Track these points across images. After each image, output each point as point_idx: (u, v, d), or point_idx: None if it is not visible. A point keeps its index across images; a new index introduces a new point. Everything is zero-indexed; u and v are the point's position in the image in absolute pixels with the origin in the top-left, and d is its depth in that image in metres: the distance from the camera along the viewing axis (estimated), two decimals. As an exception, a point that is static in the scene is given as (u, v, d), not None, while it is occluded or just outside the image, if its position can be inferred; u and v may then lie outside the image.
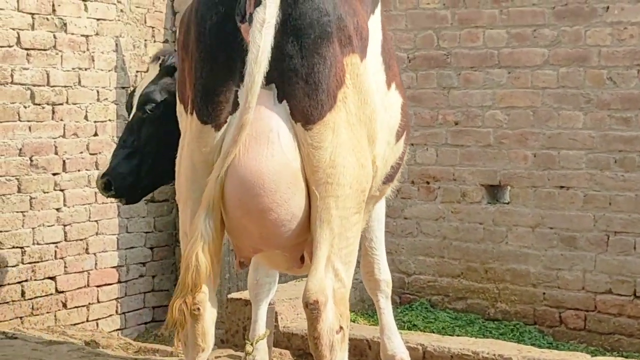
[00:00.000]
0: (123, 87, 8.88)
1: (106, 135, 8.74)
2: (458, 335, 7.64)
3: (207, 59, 4.23)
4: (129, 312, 9.13)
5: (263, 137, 4.16)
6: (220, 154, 4.22)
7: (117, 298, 8.98)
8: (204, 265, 4.12)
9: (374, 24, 4.68)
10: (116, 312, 8.97)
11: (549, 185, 8.06)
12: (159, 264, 9.50)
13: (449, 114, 8.49)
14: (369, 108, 4.39)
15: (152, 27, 9.37)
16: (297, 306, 7.43)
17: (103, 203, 8.70)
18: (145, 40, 9.25)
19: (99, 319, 8.78)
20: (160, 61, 6.55)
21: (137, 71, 9.06)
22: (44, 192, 8.20)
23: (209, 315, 4.38)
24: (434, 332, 7.69)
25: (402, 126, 5.12)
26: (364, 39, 4.42)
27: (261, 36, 4.05)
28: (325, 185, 4.22)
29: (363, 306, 8.32)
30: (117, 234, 8.97)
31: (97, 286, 8.76)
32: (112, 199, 7.48)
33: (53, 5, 8.23)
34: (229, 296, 7.58)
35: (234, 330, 7.41)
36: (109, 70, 8.78)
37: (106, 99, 8.72)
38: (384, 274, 6.05)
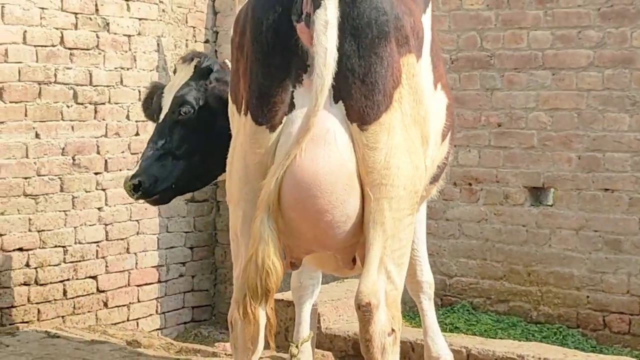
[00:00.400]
0: (164, 87, 8.88)
1: (147, 135, 8.68)
2: (501, 338, 7.59)
3: (263, 59, 4.22)
4: (168, 311, 9.13)
5: (320, 138, 4.14)
6: (274, 156, 4.21)
7: (157, 298, 8.99)
8: (279, 268, 4.11)
9: (425, 23, 4.65)
10: (156, 311, 8.98)
11: (593, 187, 7.99)
12: (199, 264, 9.51)
13: (492, 116, 8.44)
14: (423, 109, 4.37)
15: (194, 27, 9.38)
16: (339, 307, 7.41)
17: (144, 202, 8.69)
18: (187, 40, 9.26)
19: (139, 318, 8.79)
20: (194, 62, 6.51)
21: (179, 71, 9.06)
22: (86, 192, 8.22)
23: (261, 317, 4.38)
24: (476, 335, 7.64)
25: (447, 126, 5.11)
26: (419, 39, 4.39)
27: (326, 38, 4.03)
28: (380, 186, 4.20)
29: (404, 308, 8.26)
30: (158, 234, 8.98)
31: (138, 286, 8.77)
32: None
33: (96, 5, 8.25)
34: (271, 297, 7.55)
35: (276, 331, 7.38)
36: (151, 70, 8.79)
37: (148, 98, 8.72)
38: (427, 276, 6.02)
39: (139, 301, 8.78)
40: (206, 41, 9.55)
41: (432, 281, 6.04)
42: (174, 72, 6.76)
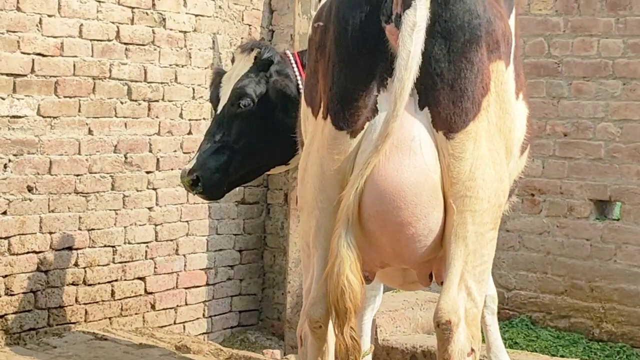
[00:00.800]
0: (218, 86, 8.69)
1: (200, 134, 8.50)
2: (562, 356, 7.37)
3: (347, 61, 4.01)
4: (215, 315, 8.93)
5: (405, 146, 3.94)
6: (354, 163, 4.00)
7: (205, 301, 8.79)
8: (355, 285, 3.90)
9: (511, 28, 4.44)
10: (203, 315, 8.78)
11: (662, 202, 7.76)
12: (247, 268, 9.30)
13: (558, 125, 8.20)
14: (508, 118, 4.15)
15: (249, 25, 9.17)
16: (396, 319, 7.20)
17: (194, 203, 8.52)
18: (242, 38, 9.04)
19: (186, 321, 8.59)
20: (255, 53, 6.34)
21: (233, 70, 8.87)
22: (137, 191, 8.03)
23: (331, 332, 4.19)
24: (536, 351, 7.43)
25: (528, 138, 4.91)
26: (509, 45, 4.18)
27: (411, 40, 3.82)
28: (464, 198, 3.99)
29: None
30: (207, 236, 8.78)
31: (186, 288, 8.58)
32: (201, 199, 7.32)
33: (153, 0, 8.06)
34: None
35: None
36: (205, 68, 8.60)
37: (201, 97, 8.53)
38: (490, 289, 5.83)
39: (186, 304, 8.59)
40: (261, 39, 9.33)
41: (496, 295, 5.87)
42: (232, 61, 6.59)
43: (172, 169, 8.29)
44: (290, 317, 8.70)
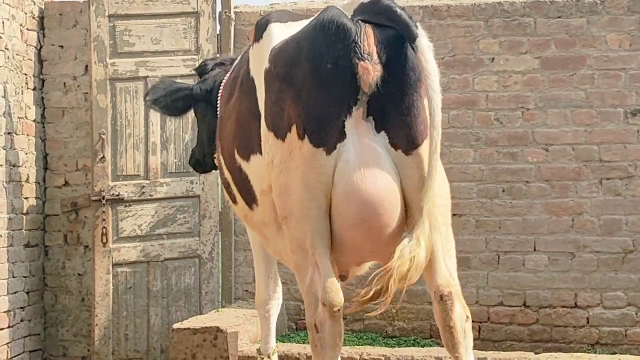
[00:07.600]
0: (9, 133, 8.98)
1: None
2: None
3: (322, 89, 4.78)
4: (14, 357, 9.13)
5: (375, 164, 4.80)
6: (333, 179, 4.80)
7: (7, 343, 8.98)
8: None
9: None
10: (7, 357, 8.95)
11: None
12: (33, 309, 9.58)
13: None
14: None
15: (26, 75, 9.49)
16: (241, 332, 7.90)
17: (-5, 247, 8.75)
18: (22, 87, 9.36)
19: (-4, 364, 8.77)
20: None
21: (19, 117, 9.19)
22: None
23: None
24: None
25: None
26: None
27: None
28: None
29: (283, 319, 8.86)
30: (7, 279, 8.98)
31: (-6, 331, 8.76)
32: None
33: (-38, 49, 8.27)
34: (174, 326, 7.89)
35: (182, 357, 7.76)
36: (0, 116, 8.84)
37: (-3, 145, 8.79)
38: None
39: (-6, 347, 8.77)
40: (34, 88, 9.68)
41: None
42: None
43: (-4, 224, 8.48)
44: (99, 348, 9.15)
